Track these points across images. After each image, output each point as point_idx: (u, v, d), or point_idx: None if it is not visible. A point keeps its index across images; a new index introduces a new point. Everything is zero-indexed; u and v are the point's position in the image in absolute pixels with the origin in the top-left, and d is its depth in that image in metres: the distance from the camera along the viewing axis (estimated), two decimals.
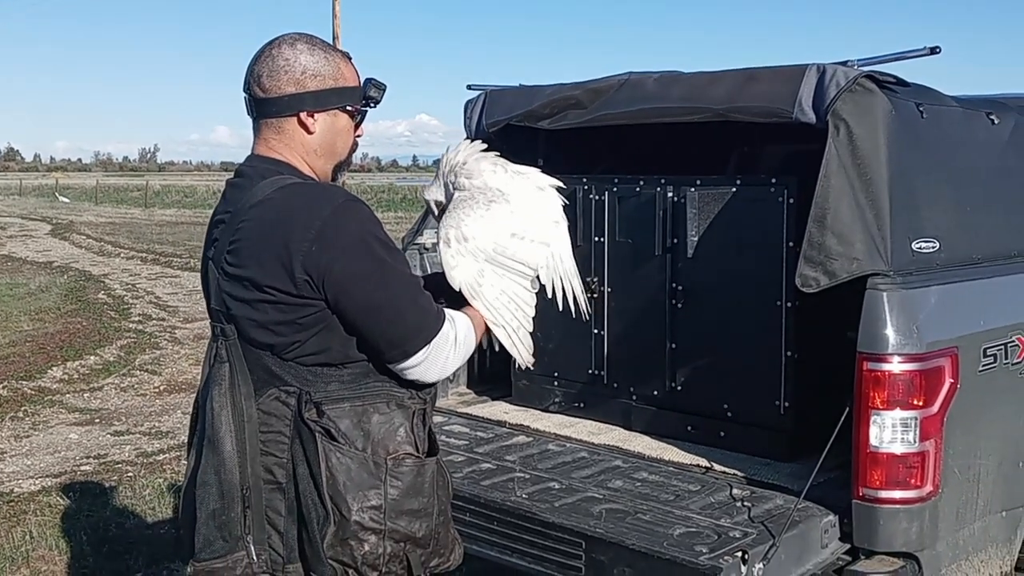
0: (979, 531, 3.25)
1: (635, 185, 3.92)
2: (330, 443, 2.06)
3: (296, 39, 2.19)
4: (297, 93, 2.15)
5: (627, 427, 3.95)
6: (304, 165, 2.21)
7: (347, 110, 2.22)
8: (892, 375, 2.93)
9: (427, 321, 2.11)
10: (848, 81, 3.09)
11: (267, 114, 2.19)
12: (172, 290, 15.72)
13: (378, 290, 2.05)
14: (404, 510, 2.09)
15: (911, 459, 2.95)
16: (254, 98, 2.19)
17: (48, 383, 8.99)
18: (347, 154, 2.29)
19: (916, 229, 3.14)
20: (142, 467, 6.43)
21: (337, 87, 2.19)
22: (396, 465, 2.09)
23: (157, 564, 4.82)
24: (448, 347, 2.13)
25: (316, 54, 2.17)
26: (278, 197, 2.07)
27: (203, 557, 2.13)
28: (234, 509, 2.11)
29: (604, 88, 3.76)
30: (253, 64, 2.18)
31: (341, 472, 2.05)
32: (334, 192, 2.12)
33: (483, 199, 2.38)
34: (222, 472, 2.11)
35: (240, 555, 2.11)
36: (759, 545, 2.79)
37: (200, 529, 2.14)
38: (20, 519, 5.44)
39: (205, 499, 2.13)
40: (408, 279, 2.12)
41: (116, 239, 25.43)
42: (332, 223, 2.02)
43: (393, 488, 2.09)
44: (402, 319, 2.08)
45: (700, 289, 3.74)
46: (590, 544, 2.88)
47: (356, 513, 2.04)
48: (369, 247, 2.05)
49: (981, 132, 3.58)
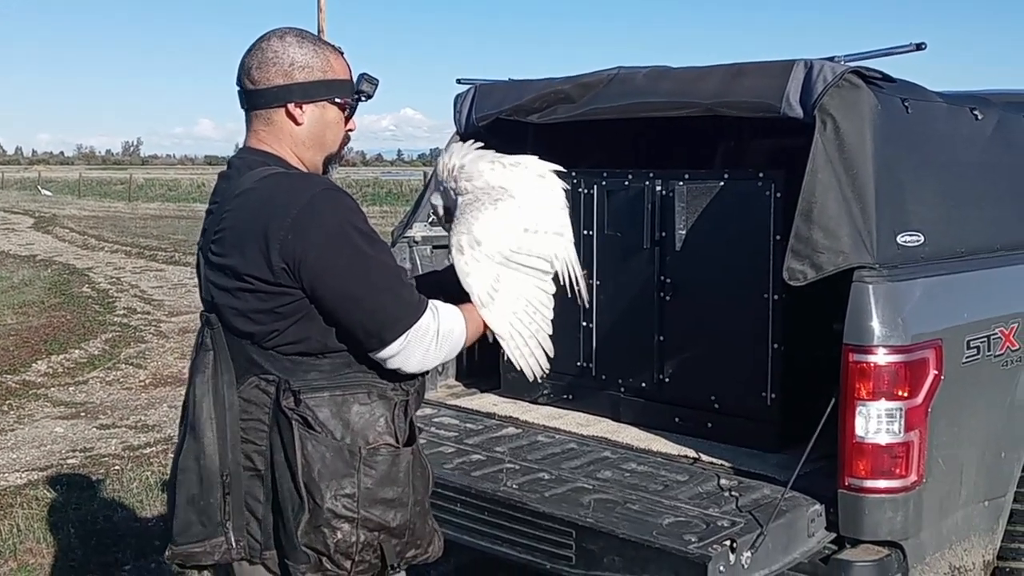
0: (962, 520, 3.30)
1: (624, 179, 3.95)
2: (306, 431, 2.07)
3: (286, 33, 2.22)
4: (285, 84, 2.17)
5: (615, 419, 3.98)
6: (293, 157, 2.23)
7: (336, 102, 2.24)
8: (877, 366, 2.97)
9: (404, 311, 2.10)
10: (835, 77, 3.13)
11: (256, 105, 2.21)
12: (157, 284, 15.65)
13: (354, 278, 2.06)
14: (378, 499, 2.11)
15: (896, 449, 2.99)
16: (244, 90, 2.22)
17: (33, 377, 8.95)
18: (338, 147, 2.30)
19: (901, 223, 3.18)
20: (129, 460, 6.42)
21: (326, 79, 2.21)
22: (371, 454, 2.10)
23: (146, 557, 4.81)
24: (428, 339, 2.12)
25: (305, 47, 2.20)
26: (260, 187, 2.10)
27: (180, 541, 2.18)
28: (213, 495, 2.14)
29: (593, 83, 3.78)
30: (244, 57, 2.22)
31: (316, 460, 2.06)
32: (314, 181, 2.14)
33: (488, 199, 2.35)
34: (202, 458, 2.14)
35: (219, 540, 2.15)
36: (747, 534, 2.83)
37: (178, 513, 2.18)
38: (7, 512, 5.42)
39: (185, 484, 2.17)
40: (386, 268, 2.11)
41: (100, 232, 25.28)
42: (308, 211, 2.04)
43: (367, 477, 2.10)
44: (379, 307, 2.08)
45: (688, 282, 3.78)
46: (580, 533, 2.92)
47: (329, 501, 2.06)
48: (346, 235, 2.06)
49: (965, 127, 3.62)
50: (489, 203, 2.34)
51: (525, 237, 2.32)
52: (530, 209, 2.37)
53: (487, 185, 2.38)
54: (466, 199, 2.38)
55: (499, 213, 2.32)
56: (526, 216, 2.35)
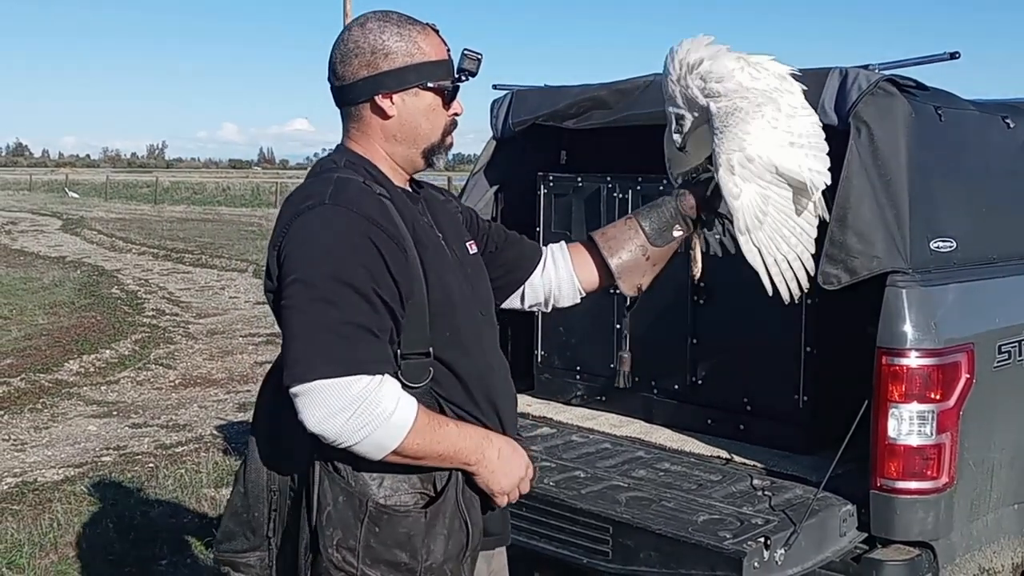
0: (992, 523, 3.34)
1: (659, 184, 4.00)
2: (326, 468, 1.94)
3: (367, 19, 2.05)
4: (370, 76, 2.01)
5: (648, 420, 4.03)
6: (381, 154, 2.08)
7: (429, 87, 2.04)
8: (910, 369, 3.01)
9: (316, 361, 1.81)
10: (870, 85, 3.17)
11: (344, 102, 2.08)
12: (184, 286, 15.82)
13: (290, 306, 1.87)
14: (382, 559, 1.92)
15: (928, 451, 3.03)
16: (331, 87, 2.09)
17: (65, 376, 9.09)
18: (440, 136, 2.10)
19: (934, 229, 3.22)
20: (162, 459, 6.53)
21: (414, 63, 2.02)
22: (378, 511, 1.92)
23: (182, 553, 4.92)
24: (340, 404, 1.80)
25: (388, 31, 2.02)
26: (293, 194, 2.04)
27: (223, 548, 2.15)
28: (259, 509, 2.08)
29: (630, 89, 3.84)
30: (330, 52, 2.07)
31: (328, 502, 1.92)
32: (314, 194, 1.95)
33: (750, 106, 2.12)
34: (251, 472, 2.09)
35: (262, 554, 2.10)
36: (780, 532, 2.88)
37: (224, 520, 2.17)
38: (45, 507, 5.54)
39: (233, 493, 2.14)
40: (328, 309, 1.83)
41: (127, 235, 25.52)
42: (292, 228, 1.92)
43: (370, 534, 1.91)
44: (294, 343, 1.84)
45: (722, 286, 3.82)
46: (617, 529, 2.97)
47: (332, 550, 1.91)
48: (308, 259, 1.87)
49: (997, 135, 3.66)
50: (753, 111, 2.13)
51: (792, 152, 2.15)
52: (789, 118, 2.19)
53: (741, 87, 2.17)
54: (722, 105, 2.16)
55: (766, 124, 2.13)
56: (789, 126, 2.17)
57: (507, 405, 2.16)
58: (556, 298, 2.48)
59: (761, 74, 2.22)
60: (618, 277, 2.42)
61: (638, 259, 2.41)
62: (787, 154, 2.14)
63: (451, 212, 2.27)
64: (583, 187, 4.23)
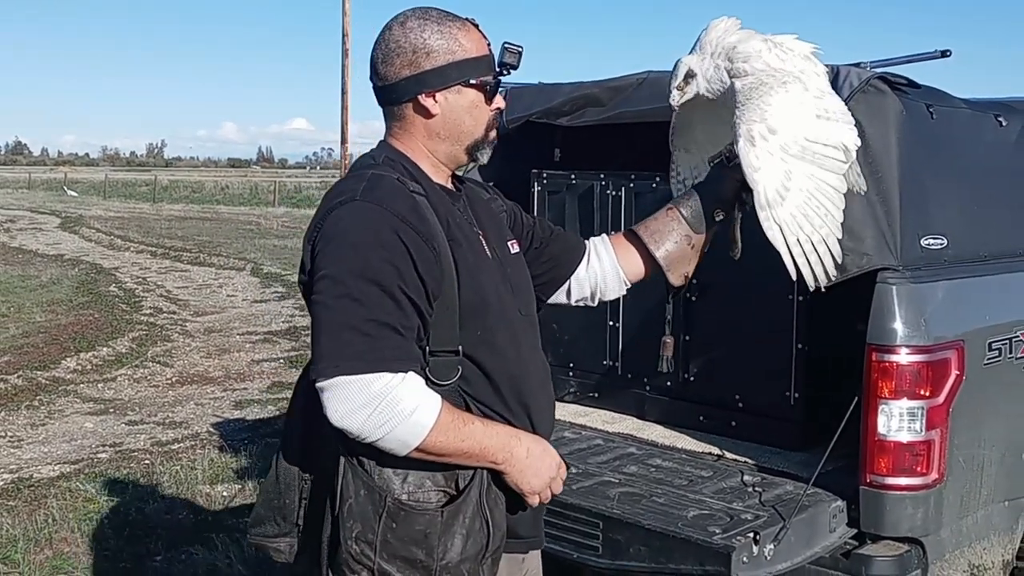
0: (982, 519, 3.35)
1: (651, 181, 4.01)
2: (350, 461, 1.95)
3: (407, 16, 2.04)
4: (412, 75, 2.00)
5: (640, 416, 4.05)
6: (423, 152, 2.08)
7: (471, 84, 2.04)
8: (900, 366, 3.02)
9: (340, 357, 1.83)
10: (861, 82, 3.17)
11: (387, 101, 2.08)
12: (182, 284, 15.84)
13: (318, 301, 1.88)
14: (398, 555, 1.92)
15: (917, 447, 3.04)
16: (374, 87, 2.08)
17: (62, 373, 9.11)
18: (484, 131, 2.09)
19: (925, 226, 3.23)
20: (158, 456, 6.54)
21: (456, 61, 2.01)
22: (396, 507, 1.93)
23: (176, 548, 4.92)
24: (361, 400, 1.82)
25: (428, 29, 2.01)
26: (331, 190, 2.05)
27: (255, 533, 2.17)
28: (289, 496, 2.09)
29: (623, 86, 3.85)
30: (372, 51, 2.07)
31: (351, 494, 1.93)
32: (348, 190, 1.97)
33: (775, 82, 2.11)
34: (284, 460, 2.11)
35: (292, 540, 2.12)
36: (770, 527, 2.88)
37: (257, 505, 2.18)
38: (41, 503, 5.56)
39: (267, 479, 2.16)
40: (353, 306, 1.84)
41: (126, 233, 25.54)
42: (325, 223, 1.93)
43: (388, 529, 1.92)
44: (321, 338, 1.86)
45: (713, 283, 3.84)
46: (607, 524, 2.98)
47: (352, 542, 1.92)
48: (337, 255, 1.88)
49: (989, 133, 3.67)
50: (778, 86, 2.12)
51: (819, 124, 2.13)
52: (815, 93, 2.17)
53: (768, 67, 2.16)
54: (747, 82, 2.15)
55: (792, 98, 2.11)
56: (817, 101, 2.16)
57: (540, 406, 2.13)
58: (602, 291, 2.47)
59: (787, 55, 2.22)
60: (666, 269, 2.40)
61: (683, 248, 2.41)
62: (817, 125, 2.14)
63: (494, 210, 2.26)
64: (577, 184, 4.24)
